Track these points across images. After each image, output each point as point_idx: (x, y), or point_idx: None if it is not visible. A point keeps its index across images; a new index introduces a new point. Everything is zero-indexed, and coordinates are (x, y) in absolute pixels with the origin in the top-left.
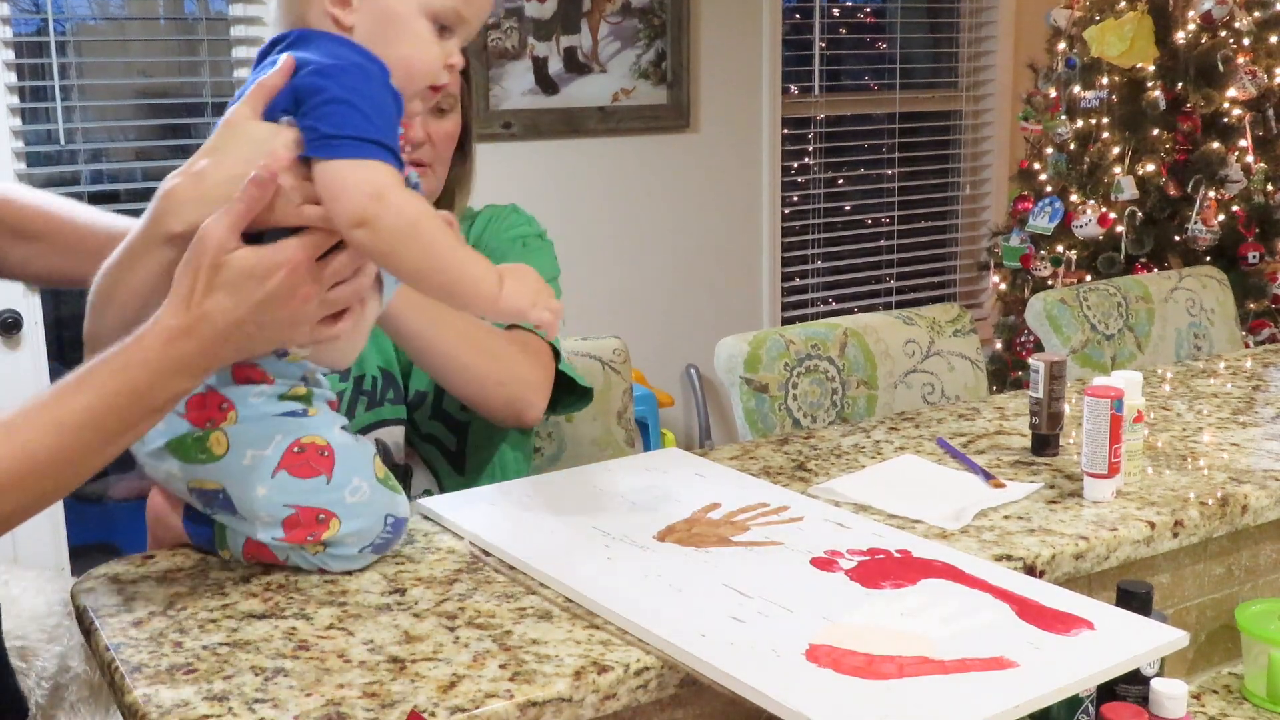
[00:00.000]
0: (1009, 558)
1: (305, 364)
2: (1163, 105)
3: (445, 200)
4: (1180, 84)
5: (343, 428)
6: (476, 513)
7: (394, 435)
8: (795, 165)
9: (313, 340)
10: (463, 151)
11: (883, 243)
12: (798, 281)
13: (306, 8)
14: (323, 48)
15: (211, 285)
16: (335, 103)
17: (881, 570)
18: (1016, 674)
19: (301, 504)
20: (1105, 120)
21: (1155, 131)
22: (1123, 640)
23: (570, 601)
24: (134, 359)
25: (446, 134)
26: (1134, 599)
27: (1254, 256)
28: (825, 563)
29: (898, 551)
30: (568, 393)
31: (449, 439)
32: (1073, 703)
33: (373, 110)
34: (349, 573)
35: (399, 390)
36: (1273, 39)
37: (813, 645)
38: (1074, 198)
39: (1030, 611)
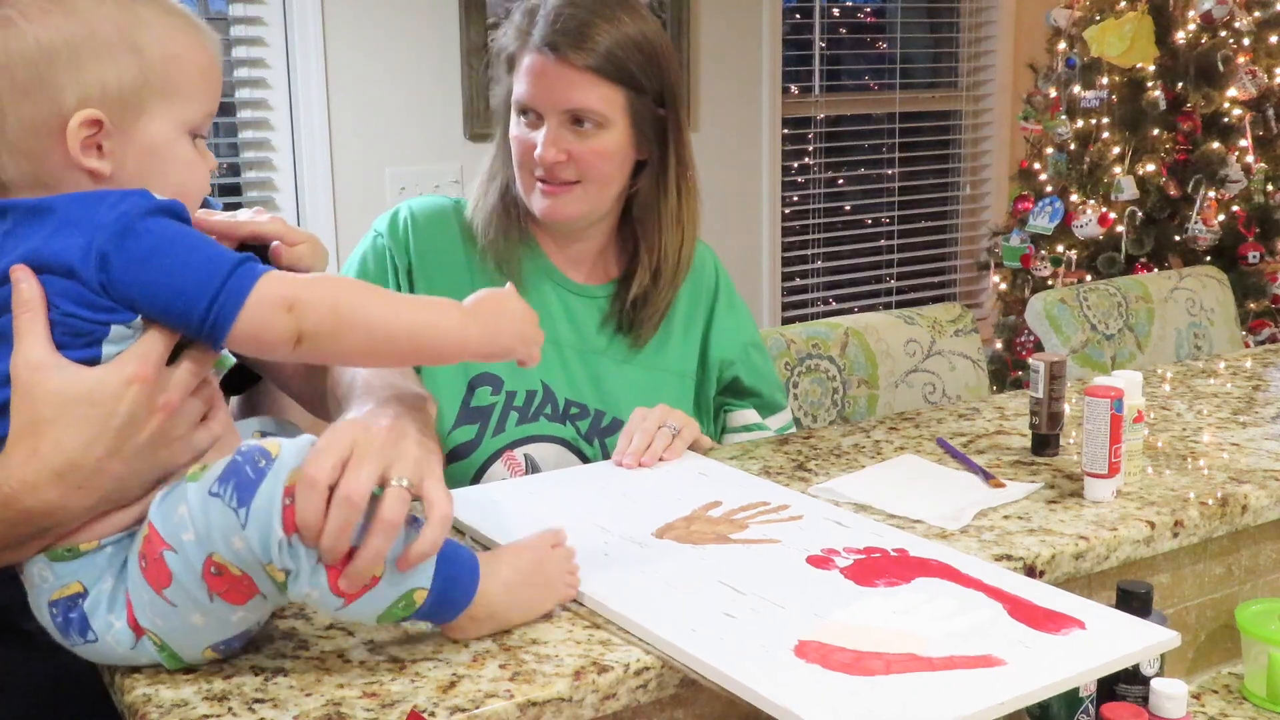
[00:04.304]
0: (1009, 558)
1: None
2: (1163, 105)
3: (626, 229)
4: (1180, 84)
5: None
6: (476, 511)
7: (543, 452)
8: (795, 165)
9: (196, 453)
10: (654, 174)
11: (883, 243)
12: (798, 281)
13: (45, 162)
14: (65, 217)
15: (45, 421)
16: (165, 274)
17: (876, 568)
18: (1003, 672)
19: None
20: (1105, 120)
21: (1155, 131)
22: (1113, 640)
23: (570, 601)
24: None
25: (592, 151)
26: (1134, 599)
27: (1254, 256)
28: (821, 560)
29: (894, 550)
30: None
31: None
32: (1073, 703)
33: (190, 240)
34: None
35: (557, 408)
36: (1273, 39)
37: (802, 641)
38: (1074, 198)
39: (1022, 611)
